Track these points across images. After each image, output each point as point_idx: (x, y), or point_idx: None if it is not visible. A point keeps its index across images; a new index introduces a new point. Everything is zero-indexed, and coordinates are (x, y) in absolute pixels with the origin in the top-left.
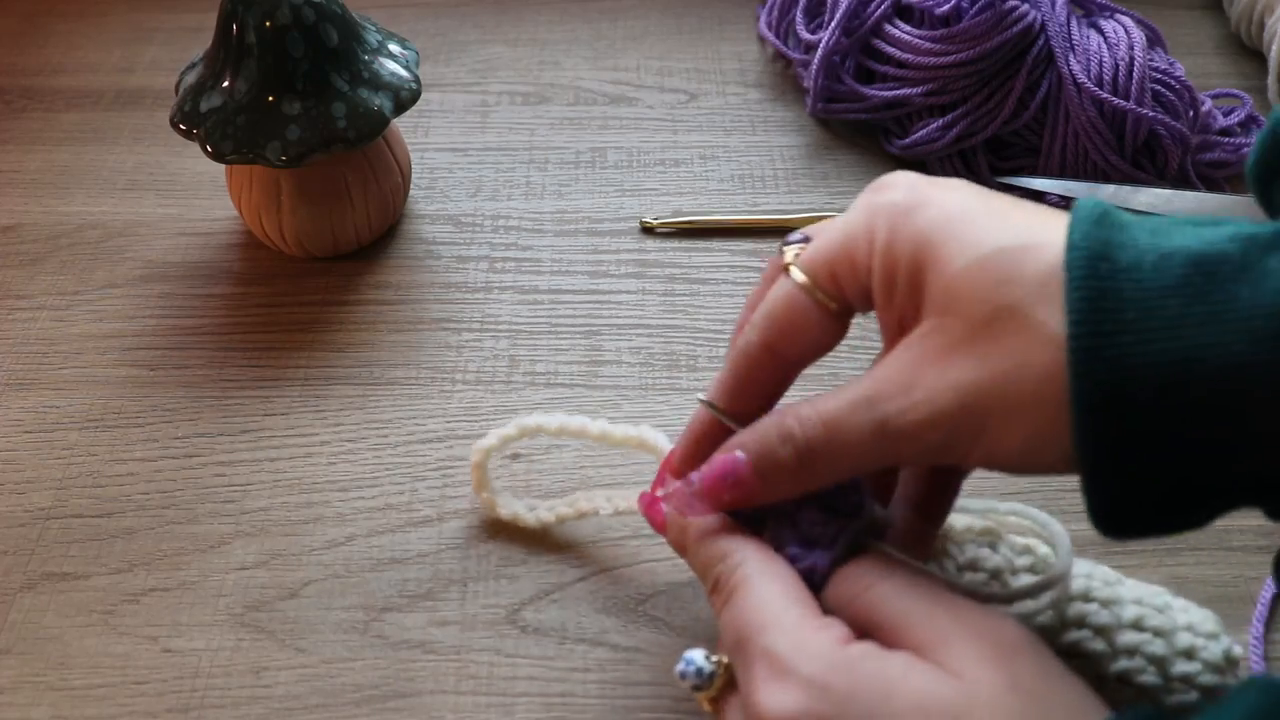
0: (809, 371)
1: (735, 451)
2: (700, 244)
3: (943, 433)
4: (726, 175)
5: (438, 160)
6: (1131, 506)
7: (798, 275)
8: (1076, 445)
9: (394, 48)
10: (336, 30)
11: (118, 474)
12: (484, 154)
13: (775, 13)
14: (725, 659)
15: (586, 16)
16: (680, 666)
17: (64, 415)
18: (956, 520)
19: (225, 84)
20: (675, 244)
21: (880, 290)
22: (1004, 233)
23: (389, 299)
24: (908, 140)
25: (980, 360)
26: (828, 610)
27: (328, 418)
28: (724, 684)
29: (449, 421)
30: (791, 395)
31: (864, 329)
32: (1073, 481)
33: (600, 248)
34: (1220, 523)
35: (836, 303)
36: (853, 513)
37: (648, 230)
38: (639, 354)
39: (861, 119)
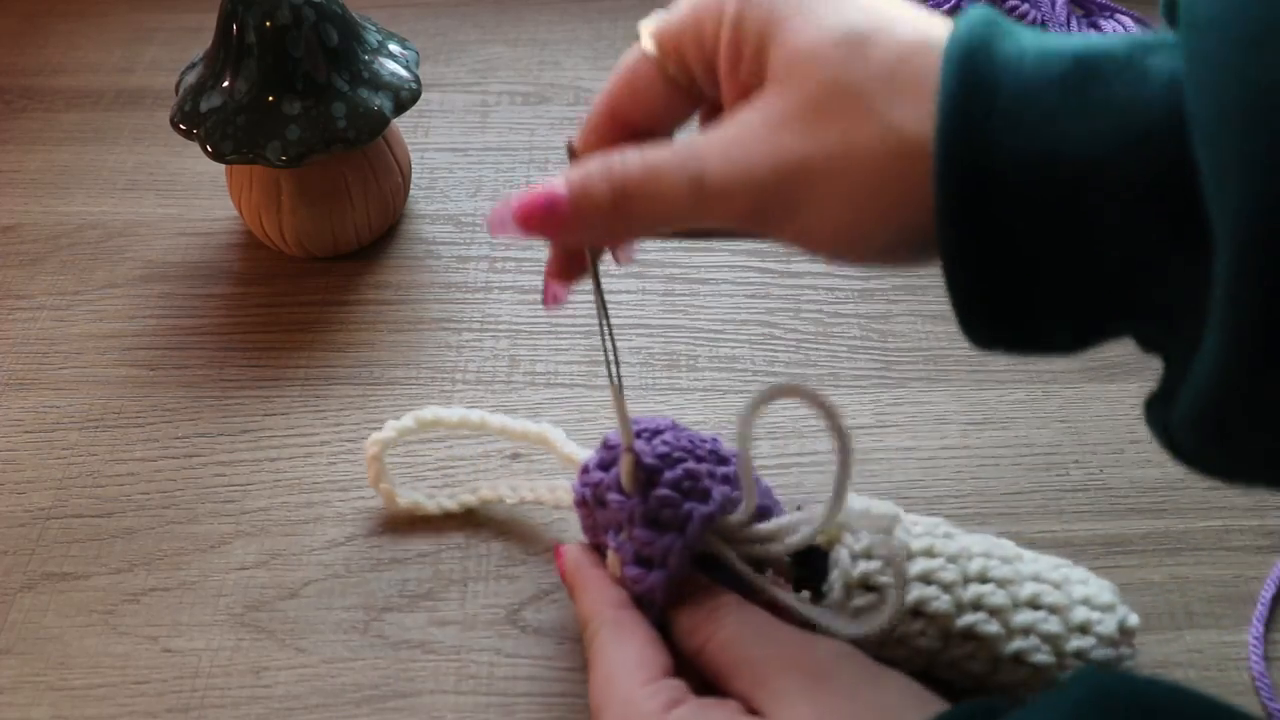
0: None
1: (557, 182)
2: (700, 244)
3: (753, 200)
4: None
5: (438, 160)
6: (993, 302)
7: (646, 44)
8: (938, 231)
9: (394, 48)
10: (336, 30)
11: (118, 474)
12: (484, 154)
13: None
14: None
15: (586, 16)
16: None
17: (64, 415)
18: (855, 503)
19: (225, 84)
20: (675, 244)
21: (726, 64)
22: (857, 15)
23: (389, 299)
24: None
25: (808, 136)
26: (684, 654)
27: (328, 418)
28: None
29: None
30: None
31: (866, 328)
32: (1072, 481)
33: None
34: (1220, 522)
35: (682, 76)
36: (680, 526)
37: None
38: (639, 354)
39: None
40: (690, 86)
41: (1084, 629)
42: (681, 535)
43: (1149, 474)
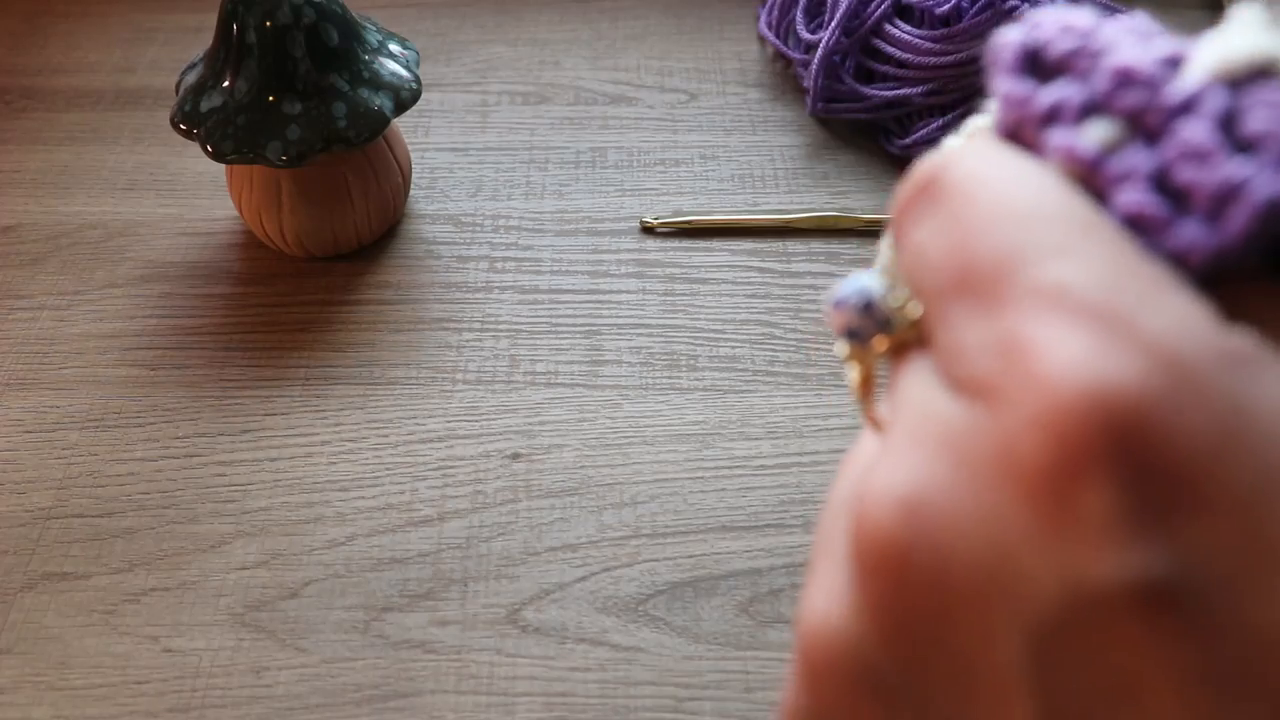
0: None
1: None
2: (700, 244)
3: None
4: (726, 175)
5: (438, 160)
6: None
7: None
8: None
9: (394, 47)
10: (337, 30)
11: (118, 474)
12: (484, 154)
13: (775, 13)
14: (911, 313)
15: (586, 16)
16: (843, 290)
17: (64, 415)
18: None
19: (225, 84)
20: (675, 244)
21: None
22: None
23: (389, 299)
24: (908, 140)
25: None
26: None
27: (328, 417)
28: (904, 340)
29: (449, 421)
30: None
31: None
32: None
33: (600, 247)
34: None
35: None
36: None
37: (648, 230)
38: (639, 353)
39: (861, 119)
40: None
41: None
42: (1213, 227)
43: None
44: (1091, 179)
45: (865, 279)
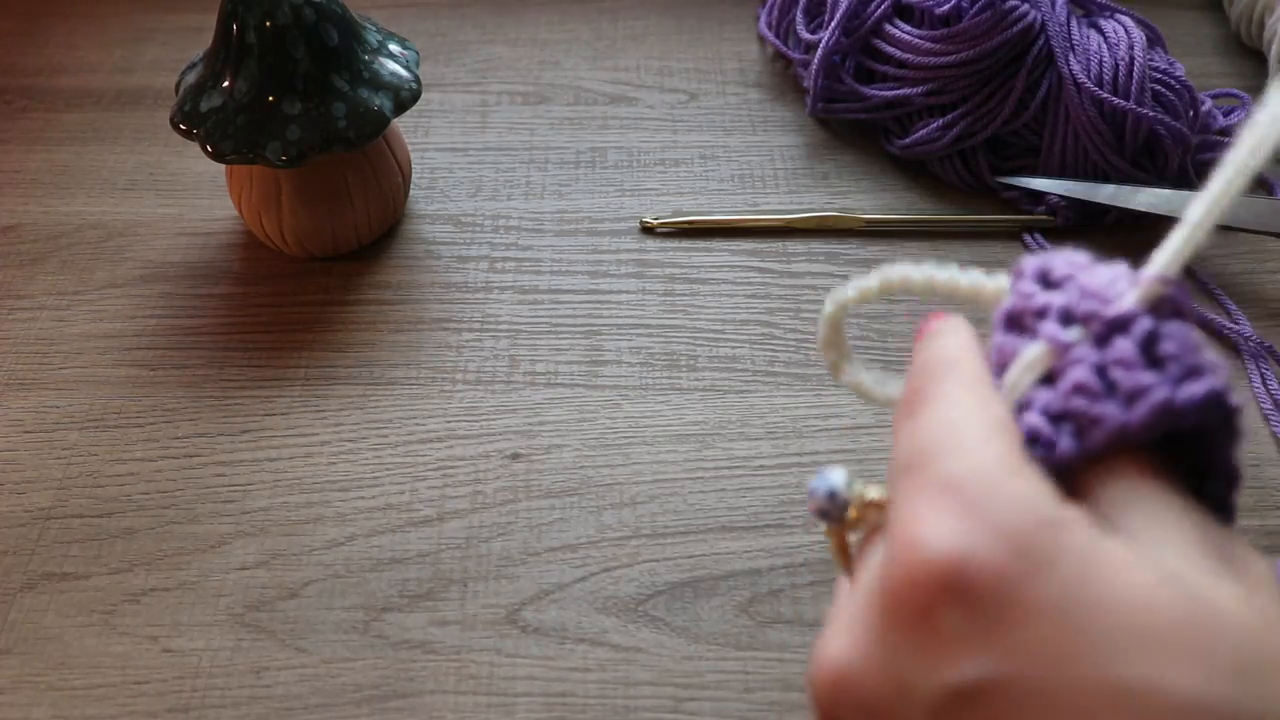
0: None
1: None
2: (700, 244)
3: None
4: (726, 175)
5: (438, 160)
6: None
7: None
8: None
9: (394, 48)
10: (337, 30)
11: (118, 474)
12: (484, 154)
13: (775, 13)
14: (869, 495)
15: (586, 16)
16: (814, 483)
17: (64, 415)
18: None
19: (225, 84)
20: (675, 244)
21: None
22: None
23: (389, 299)
24: (908, 140)
25: None
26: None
27: (328, 418)
28: (859, 521)
29: (449, 421)
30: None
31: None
32: None
33: (600, 248)
34: None
35: None
36: (1129, 399)
37: (648, 230)
38: (639, 354)
39: (861, 119)
40: None
41: None
42: (1127, 409)
43: None
44: (1059, 359)
45: (832, 475)
